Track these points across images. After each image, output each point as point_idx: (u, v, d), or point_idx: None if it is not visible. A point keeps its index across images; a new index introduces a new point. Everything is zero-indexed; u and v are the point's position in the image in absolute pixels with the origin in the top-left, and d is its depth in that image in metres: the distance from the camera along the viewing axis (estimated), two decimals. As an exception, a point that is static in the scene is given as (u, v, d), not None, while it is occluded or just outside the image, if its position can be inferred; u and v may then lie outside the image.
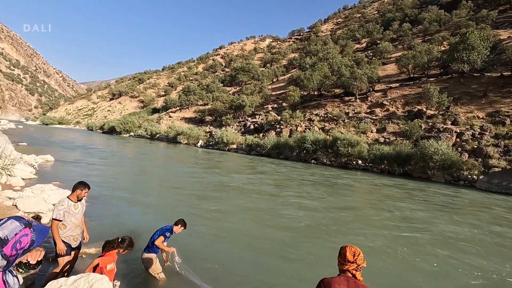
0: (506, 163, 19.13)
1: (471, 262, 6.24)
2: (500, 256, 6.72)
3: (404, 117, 28.73)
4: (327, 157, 26.85)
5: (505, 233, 8.64)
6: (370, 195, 13.72)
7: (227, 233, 7.03)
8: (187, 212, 8.66)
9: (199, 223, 7.57)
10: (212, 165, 21.35)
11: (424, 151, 20.61)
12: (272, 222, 8.09)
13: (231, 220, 8.13)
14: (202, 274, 4.88)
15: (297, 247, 6.45)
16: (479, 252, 6.90)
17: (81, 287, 2.71)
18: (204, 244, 6.31)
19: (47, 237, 6.01)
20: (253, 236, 6.96)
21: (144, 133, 53.37)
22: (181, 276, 4.67)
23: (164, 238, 4.85)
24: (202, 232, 6.96)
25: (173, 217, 5.51)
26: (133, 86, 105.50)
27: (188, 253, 5.62)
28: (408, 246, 6.98)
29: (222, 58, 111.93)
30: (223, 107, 50.34)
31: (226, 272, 5.20)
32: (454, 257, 6.45)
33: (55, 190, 8.04)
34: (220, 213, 8.73)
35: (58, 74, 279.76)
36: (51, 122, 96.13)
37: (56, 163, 15.69)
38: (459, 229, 8.71)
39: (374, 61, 45.38)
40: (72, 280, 2.78)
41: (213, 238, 6.69)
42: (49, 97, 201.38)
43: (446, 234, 8.13)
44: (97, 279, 2.76)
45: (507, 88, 26.73)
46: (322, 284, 2.06)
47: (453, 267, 5.95)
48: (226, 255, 5.88)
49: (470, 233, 8.36)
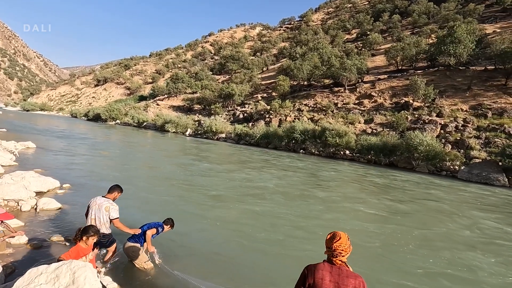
0: (486, 154, 19.82)
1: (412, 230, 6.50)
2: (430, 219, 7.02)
3: (391, 109, 29.17)
4: (316, 147, 27.08)
5: (441, 206, 9.03)
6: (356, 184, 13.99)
7: (215, 226, 7.02)
8: (172, 204, 8.58)
9: (184, 215, 7.52)
10: (201, 155, 21.18)
11: (410, 142, 21.07)
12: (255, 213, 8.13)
13: (219, 213, 8.11)
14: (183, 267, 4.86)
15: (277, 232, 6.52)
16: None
17: (63, 275, 2.62)
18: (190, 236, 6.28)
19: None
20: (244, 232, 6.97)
21: (131, 121, 52.18)
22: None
23: (156, 232, 4.70)
24: (189, 223, 6.91)
25: (157, 208, 5.41)
26: (119, 73, 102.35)
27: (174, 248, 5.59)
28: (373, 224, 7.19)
29: (211, 45, 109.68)
30: (212, 95, 49.64)
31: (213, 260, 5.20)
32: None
33: (37, 177, 7.77)
34: (209, 207, 8.70)
35: (38, 58, 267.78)
36: (32, 108, 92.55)
37: (37, 150, 15.17)
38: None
39: (363, 52, 45.54)
40: (53, 267, 2.69)
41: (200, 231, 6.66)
42: (29, 82, 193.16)
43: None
44: (79, 266, 2.68)
45: (490, 82, 27.46)
46: (305, 270, 2.05)
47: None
48: (210, 245, 5.88)
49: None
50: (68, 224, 5.96)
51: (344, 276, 1.97)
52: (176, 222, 5.04)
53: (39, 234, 5.38)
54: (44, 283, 2.56)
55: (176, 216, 5.37)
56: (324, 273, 1.98)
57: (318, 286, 1.97)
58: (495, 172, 17.54)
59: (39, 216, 6.24)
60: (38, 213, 6.37)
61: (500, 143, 19.94)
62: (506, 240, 7.43)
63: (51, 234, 5.40)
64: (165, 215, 5.25)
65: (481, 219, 9.20)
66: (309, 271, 2.03)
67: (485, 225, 8.58)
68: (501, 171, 17.52)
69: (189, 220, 6.87)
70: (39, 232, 5.47)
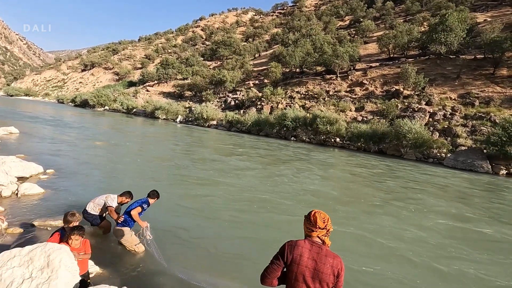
0: (472, 142, 20.26)
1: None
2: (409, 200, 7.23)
3: (382, 97, 29.30)
4: (307, 135, 27.16)
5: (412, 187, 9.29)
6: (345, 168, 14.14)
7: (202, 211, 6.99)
8: (160, 189, 8.49)
9: (174, 201, 7.46)
10: (193, 142, 20.99)
11: (399, 129, 21.32)
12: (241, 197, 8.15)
13: (209, 198, 8.08)
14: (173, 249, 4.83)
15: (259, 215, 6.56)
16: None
17: (37, 257, 2.54)
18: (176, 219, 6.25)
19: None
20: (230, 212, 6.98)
21: (120, 107, 51.07)
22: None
23: (142, 210, 4.69)
24: (172, 208, 6.87)
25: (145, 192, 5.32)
26: (107, 57, 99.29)
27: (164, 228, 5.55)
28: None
29: (202, 30, 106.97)
30: (203, 82, 48.80)
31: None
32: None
33: (18, 162, 7.54)
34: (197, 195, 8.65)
35: (21, 40, 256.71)
36: (16, 94, 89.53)
37: (21, 135, 14.73)
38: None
39: (356, 40, 45.21)
40: (27, 250, 2.60)
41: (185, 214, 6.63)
42: (12, 66, 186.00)
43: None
44: (54, 248, 2.60)
45: (479, 71, 27.75)
46: (285, 245, 2.05)
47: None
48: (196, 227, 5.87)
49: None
50: (51, 208, 5.84)
51: (323, 254, 1.97)
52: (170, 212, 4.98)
53: (21, 219, 5.26)
54: (17, 265, 2.48)
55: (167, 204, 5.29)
56: (304, 250, 1.98)
57: (297, 262, 1.97)
58: (480, 159, 17.98)
59: (20, 201, 6.08)
60: (19, 198, 6.21)
61: (485, 131, 20.37)
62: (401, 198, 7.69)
63: (33, 219, 5.28)
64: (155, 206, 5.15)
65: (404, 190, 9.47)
66: (289, 246, 2.03)
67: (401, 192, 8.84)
68: (485, 158, 17.97)
69: (178, 208, 6.83)
70: (20, 217, 5.34)
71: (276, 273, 2.05)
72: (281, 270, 2.05)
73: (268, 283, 2.07)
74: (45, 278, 2.46)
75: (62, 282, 2.48)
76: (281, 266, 2.04)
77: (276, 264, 2.04)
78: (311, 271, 1.95)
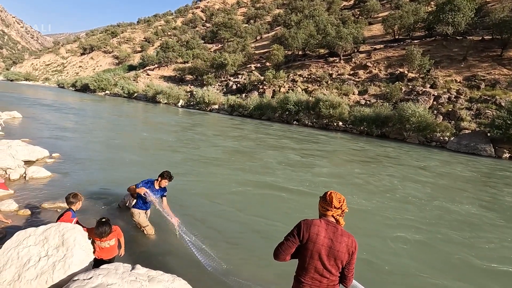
0: (476, 125, 20.12)
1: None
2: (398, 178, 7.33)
3: (386, 80, 28.86)
4: (309, 119, 27.03)
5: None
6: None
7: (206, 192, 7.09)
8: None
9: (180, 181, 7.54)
10: (202, 129, 20.98)
11: (402, 113, 21.14)
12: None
13: (212, 180, 8.16)
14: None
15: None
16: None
17: (51, 236, 2.61)
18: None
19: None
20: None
21: (121, 91, 50.76)
22: (171, 232, 4.56)
23: (145, 188, 4.48)
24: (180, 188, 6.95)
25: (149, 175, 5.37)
26: (106, 40, 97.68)
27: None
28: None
29: (202, 12, 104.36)
30: (204, 65, 48.13)
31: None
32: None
33: (24, 146, 7.59)
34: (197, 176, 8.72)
35: (19, 24, 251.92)
36: (16, 78, 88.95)
37: (24, 120, 14.77)
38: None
39: (360, 21, 44.00)
40: (42, 229, 2.68)
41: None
42: (11, 50, 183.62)
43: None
44: (68, 228, 2.67)
45: (486, 52, 27.13)
46: (301, 224, 2.09)
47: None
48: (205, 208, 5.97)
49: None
50: (59, 191, 5.92)
51: (339, 234, 2.03)
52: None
53: (30, 201, 5.36)
54: (33, 244, 2.56)
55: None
56: (320, 229, 2.03)
57: (313, 240, 2.02)
58: (483, 142, 17.93)
59: (29, 184, 6.18)
60: (27, 181, 6.30)
61: (490, 114, 20.17)
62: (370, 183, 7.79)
63: (43, 201, 5.38)
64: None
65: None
66: (305, 225, 2.07)
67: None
68: (488, 142, 17.91)
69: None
70: (29, 199, 5.44)
71: (291, 250, 2.10)
72: (295, 247, 2.10)
73: (281, 259, 2.13)
74: (60, 256, 2.55)
75: (77, 260, 2.57)
76: (296, 244, 2.09)
77: (291, 241, 2.09)
78: (327, 250, 2.00)
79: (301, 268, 2.10)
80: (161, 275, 2.51)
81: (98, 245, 3.13)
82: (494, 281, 4.28)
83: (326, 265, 2.01)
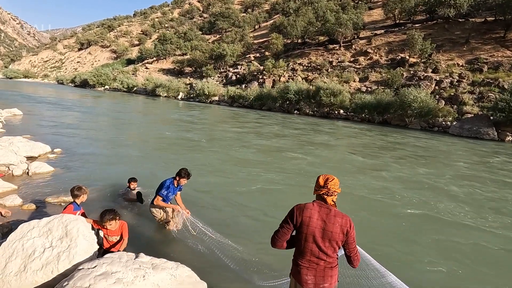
0: (479, 109, 19.93)
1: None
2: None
3: (387, 66, 28.50)
4: (310, 107, 26.88)
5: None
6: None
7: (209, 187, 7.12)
8: (166, 166, 8.60)
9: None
10: (205, 121, 20.95)
11: (404, 99, 20.93)
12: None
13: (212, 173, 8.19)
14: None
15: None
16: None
17: (55, 228, 2.64)
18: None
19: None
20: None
21: (120, 86, 50.57)
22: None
23: (162, 197, 4.32)
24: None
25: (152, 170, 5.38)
26: (103, 35, 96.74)
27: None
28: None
29: (199, 1, 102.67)
30: (203, 57, 47.67)
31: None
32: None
33: (25, 142, 7.62)
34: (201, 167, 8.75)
35: (14, 20, 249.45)
36: (15, 76, 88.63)
37: (25, 117, 14.80)
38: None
39: (360, 6, 43.20)
40: (45, 221, 2.70)
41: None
42: (8, 48, 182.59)
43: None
44: (71, 219, 2.70)
45: (489, 35, 26.65)
46: (294, 208, 2.10)
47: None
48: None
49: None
50: (62, 185, 5.96)
51: (332, 215, 2.04)
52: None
53: (34, 196, 5.41)
54: (37, 236, 2.59)
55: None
56: (313, 212, 2.05)
57: (306, 223, 2.04)
58: (486, 126, 17.79)
59: (32, 180, 6.23)
60: (30, 177, 6.35)
61: (493, 97, 19.93)
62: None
63: (46, 196, 5.43)
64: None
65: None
66: (298, 209, 2.09)
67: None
68: (491, 125, 17.77)
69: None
70: (33, 195, 5.49)
71: (286, 236, 2.14)
72: (291, 233, 2.13)
73: (278, 246, 2.17)
74: (65, 247, 2.58)
75: (81, 250, 2.60)
76: (291, 229, 2.12)
77: (285, 227, 2.12)
78: (320, 231, 2.02)
79: (298, 252, 2.14)
80: (165, 263, 2.54)
81: (106, 239, 3.18)
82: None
83: (322, 247, 2.02)
